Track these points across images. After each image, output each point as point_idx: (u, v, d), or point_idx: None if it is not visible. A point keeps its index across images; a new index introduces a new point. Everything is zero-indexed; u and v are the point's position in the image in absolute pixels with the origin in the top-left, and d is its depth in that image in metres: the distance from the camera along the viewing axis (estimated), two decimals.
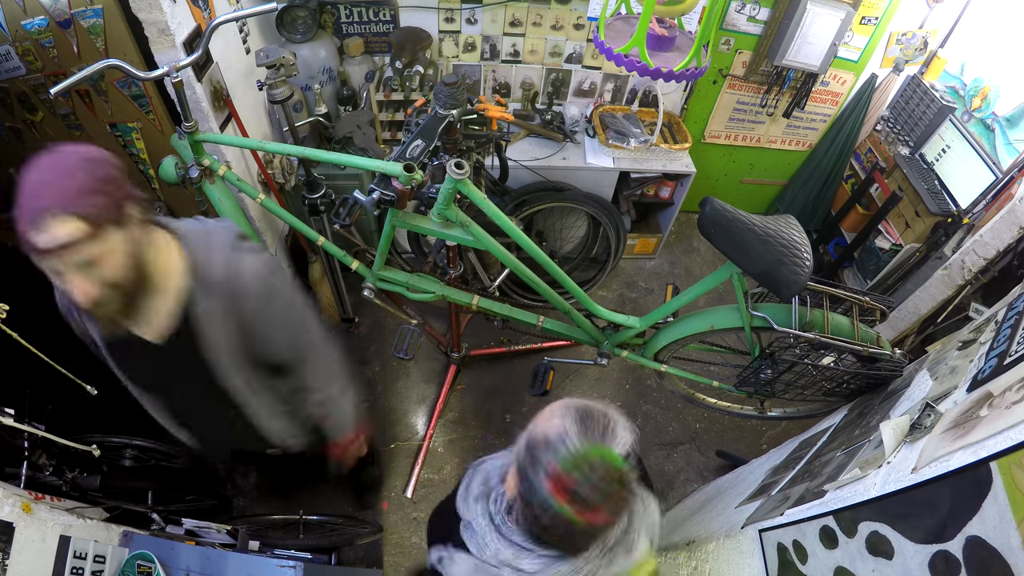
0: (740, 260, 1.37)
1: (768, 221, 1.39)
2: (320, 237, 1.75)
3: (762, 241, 1.32)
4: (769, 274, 1.31)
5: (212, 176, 1.55)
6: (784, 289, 1.30)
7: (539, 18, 2.57)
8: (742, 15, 2.61)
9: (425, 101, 1.78)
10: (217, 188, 1.59)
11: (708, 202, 1.39)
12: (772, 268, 1.30)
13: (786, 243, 1.33)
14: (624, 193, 2.88)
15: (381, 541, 2.24)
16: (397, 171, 1.34)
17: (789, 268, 1.29)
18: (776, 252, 1.30)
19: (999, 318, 1.02)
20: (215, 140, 1.54)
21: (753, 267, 1.34)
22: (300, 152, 1.48)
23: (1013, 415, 0.69)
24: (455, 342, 2.60)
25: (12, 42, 1.76)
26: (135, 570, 1.24)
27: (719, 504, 1.69)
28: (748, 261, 1.34)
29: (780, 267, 1.29)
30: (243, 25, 2.22)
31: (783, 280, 1.29)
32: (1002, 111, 2.40)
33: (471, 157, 1.85)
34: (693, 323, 1.74)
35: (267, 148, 1.52)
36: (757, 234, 1.32)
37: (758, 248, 1.31)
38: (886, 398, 1.35)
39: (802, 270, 1.28)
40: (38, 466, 1.54)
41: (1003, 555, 0.64)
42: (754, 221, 1.36)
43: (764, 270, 1.32)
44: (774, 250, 1.30)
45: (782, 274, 1.29)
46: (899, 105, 2.85)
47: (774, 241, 1.32)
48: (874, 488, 0.90)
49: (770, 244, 1.31)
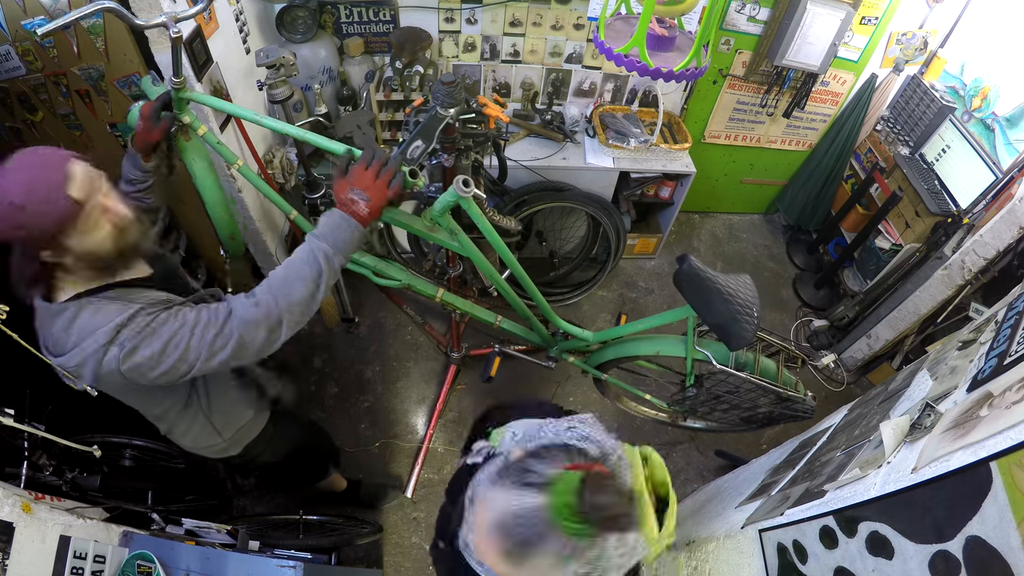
0: (702, 311, 1.58)
1: (730, 280, 1.59)
2: (292, 211, 1.74)
3: (724, 300, 1.52)
4: (724, 327, 1.53)
5: (189, 133, 1.49)
6: (734, 341, 1.53)
7: (539, 18, 2.57)
8: (742, 15, 2.61)
9: (423, 101, 1.78)
10: (193, 148, 1.54)
11: (686, 259, 1.55)
12: (728, 323, 1.51)
13: (742, 303, 1.53)
14: (624, 193, 2.88)
15: (381, 541, 2.24)
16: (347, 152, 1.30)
17: (741, 325, 1.51)
18: (734, 310, 1.51)
19: (999, 318, 1.02)
20: (202, 101, 1.47)
21: (712, 319, 1.55)
22: (286, 130, 1.43)
23: (1013, 415, 0.69)
24: (455, 342, 2.60)
25: (12, 42, 1.75)
26: (135, 570, 1.24)
27: (719, 504, 1.69)
28: (709, 313, 1.56)
29: (734, 323, 1.51)
30: (243, 25, 2.22)
31: (734, 334, 1.51)
32: (1002, 111, 2.40)
33: (469, 156, 1.85)
34: (643, 346, 1.93)
35: (254, 119, 1.44)
36: (721, 293, 1.53)
37: (720, 305, 1.52)
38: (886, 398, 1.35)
39: (751, 327, 1.51)
40: (38, 466, 1.54)
41: (1003, 555, 0.64)
42: (719, 281, 1.55)
43: (721, 323, 1.53)
44: (732, 308, 1.52)
45: (735, 329, 1.51)
46: (899, 105, 2.85)
47: (733, 300, 1.53)
48: (874, 488, 0.90)
49: (730, 303, 1.52)
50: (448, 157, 1.72)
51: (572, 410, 1.20)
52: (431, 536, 2.24)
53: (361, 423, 2.57)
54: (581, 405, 2.69)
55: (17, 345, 1.37)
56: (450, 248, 1.60)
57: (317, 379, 2.69)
